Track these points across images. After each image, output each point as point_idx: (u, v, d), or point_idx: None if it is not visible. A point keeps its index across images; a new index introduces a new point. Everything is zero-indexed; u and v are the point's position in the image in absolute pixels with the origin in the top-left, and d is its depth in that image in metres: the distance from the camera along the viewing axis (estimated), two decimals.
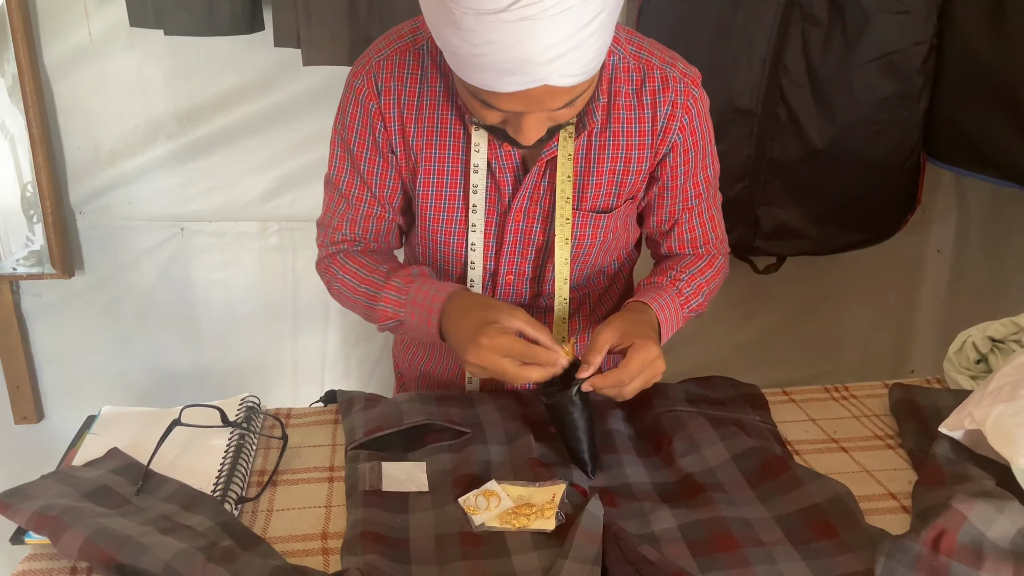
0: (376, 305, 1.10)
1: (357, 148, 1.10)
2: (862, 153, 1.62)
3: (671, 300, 1.11)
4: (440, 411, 1.09)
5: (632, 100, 1.06)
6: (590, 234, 1.11)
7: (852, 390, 1.22)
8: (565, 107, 0.91)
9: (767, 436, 1.06)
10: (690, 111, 1.07)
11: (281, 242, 1.94)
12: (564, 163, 1.06)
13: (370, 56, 1.07)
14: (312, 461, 1.05)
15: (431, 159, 1.07)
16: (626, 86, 1.06)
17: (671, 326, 1.11)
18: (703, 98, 1.10)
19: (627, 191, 1.11)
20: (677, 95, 1.06)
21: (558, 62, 0.82)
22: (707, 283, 1.17)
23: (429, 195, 1.10)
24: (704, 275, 1.17)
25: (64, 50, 1.72)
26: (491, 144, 1.05)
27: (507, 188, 1.09)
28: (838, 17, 1.54)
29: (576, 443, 0.99)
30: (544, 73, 0.83)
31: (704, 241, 1.19)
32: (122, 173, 1.82)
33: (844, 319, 2.14)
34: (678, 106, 1.06)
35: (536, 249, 1.13)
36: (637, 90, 1.06)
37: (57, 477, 0.94)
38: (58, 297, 1.91)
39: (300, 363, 2.07)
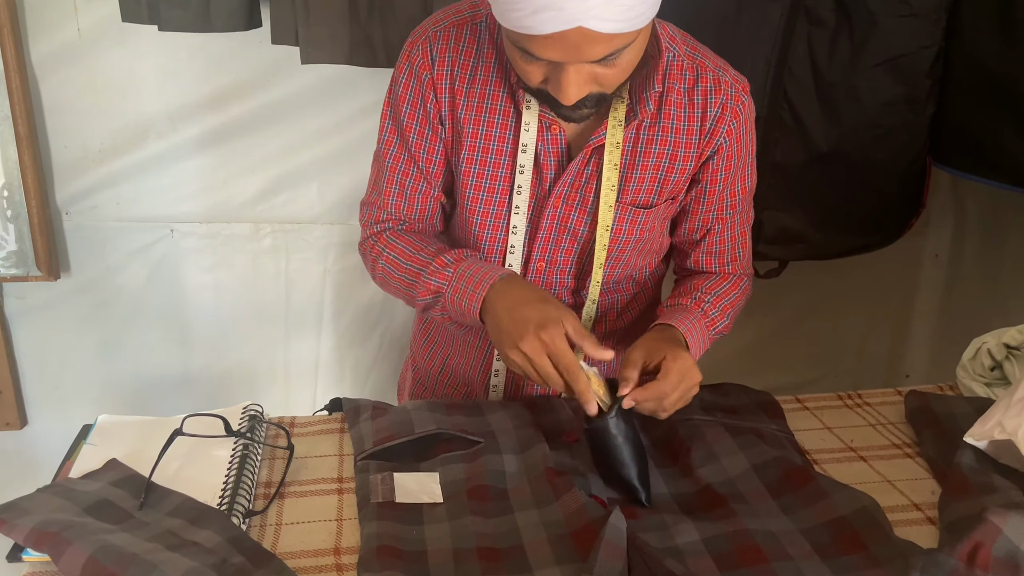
0: (420, 279, 1.07)
1: (407, 119, 1.08)
2: (867, 157, 1.61)
3: (697, 321, 1.09)
4: (450, 420, 1.07)
5: (683, 98, 1.05)
6: (627, 229, 1.09)
7: (866, 397, 1.21)
8: (604, 63, 0.88)
9: (785, 445, 1.04)
10: (738, 116, 1.07)
11: (274, 244, 1.90)
12: (612, 151, 1.04)
13: (427, 27, 1.06)
14: (320, 472, 1.01)
15: (477, 135, 1.06)
16: (678, 83, 1.04)
17: (698, 348, 1.09)
18: (751, 107, 1.09)
19: (669, 189, 1.09)
20: (728, 98, 1.05)
21: (596, 1, 0.80)
22: (731, 305, 1.16)
23: (471, 172, 1.08)
24: (728, 296, 1.16)
25: (52, 46, 1.67)
26: (539, 127, 1.04)
27: (549, 173, 1.06)
28: (844, 20, 1.53)
29: (624, 468, 0.94)
30: (580, 11, 0.81)
31: (732, 258, 1.18)
32: (110, 173, 1.77)
33: (841, 323, 2.14)
34: (727, 109, 1.05)
35: (571, 239, 1.11)
36: (689, 89, 1.05)
37: (55, 490, 0.90)
38: (43, 300, 1.86)
39: (292, 368, 2.03)
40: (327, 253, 1.91)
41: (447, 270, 1.05)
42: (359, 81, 1.69)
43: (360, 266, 1.89)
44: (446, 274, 1.05)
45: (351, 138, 1.78)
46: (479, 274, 1.02)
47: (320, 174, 1.83)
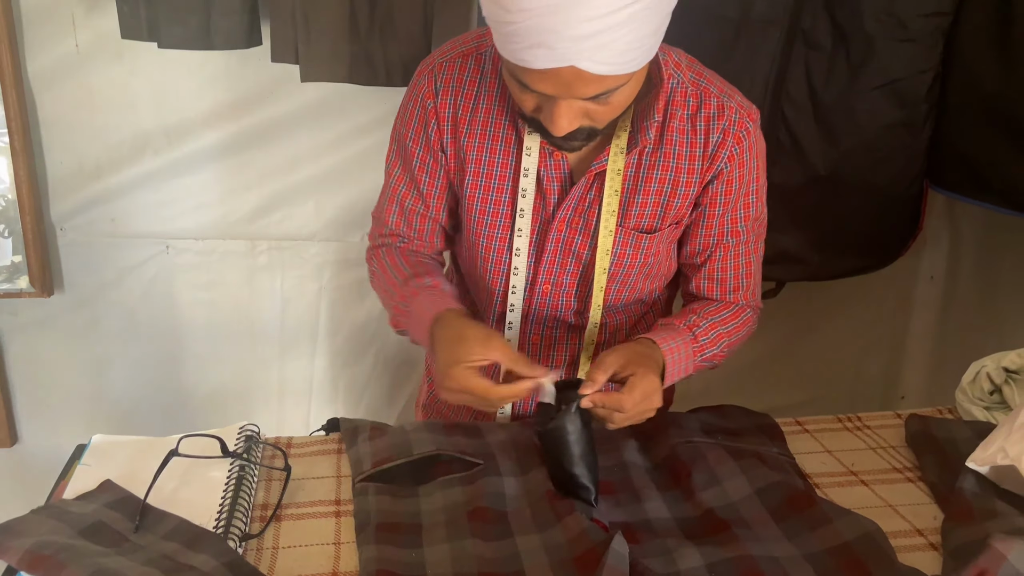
0: (389, 310, 1.14)
1: (411, 144, 1.12)
2: (865, 179, 1.62)
3: (683, 345, 1.08)
4: (450, 441, 1.06)
5: (686, 124, 1.05)
6: (631, 253, 1.10)
7: (865, 420, 1.20)
8: (596, 101, 0.90)
9: (787, 468, 1.04)
10: (741, 142, 1.06)
11: (270, 261, 1.89)
12: (613, 178, 1.05)
13: (434, 57, 1.10)
14: (317, 494, 1.00)
15: (481, 161, 1.09)
16: (682, 110, 1.05)
17: (678, 370, 1.07)
18: (757, 135, 1.09)
19: (672, 214, 1.09)
20: (731, 124, 1.05)
21: (588, 43, 0.82)
22: (728, 335, 1.14)
23: (476, 196, 1.10)
24: (726, 325, 1.14)
25: (49, 61, 1.66)
26: (542, 153, 1.06)
27: (552, 197, 1.08)
28: (841, 44, 1.54)
29: (575, 467, 0.95)
30: (573, 52, 0.83)
31: (734, 287, 1.15)
32: (106, 189, 1.76)
33: (837, 344, 2.14)
34: (730, 135, 1.05)
35: (576, 263, 1.12)
36: (692, 115, 1.05)
37: (48, 512, 0.89)
38: (35, 316, 1.84)
39: (286, 387, 2.02)
40: (323, 271, 1.90)
41: (405, 306, 1.09)
42: (357, 99, 1.69)
43: (356, 284, 1.91)
44: (405, 311, 1.09)
45: (348, 156, 1.78)
46: (422, 314, 1.05)
47: (317, 191, 1.82)
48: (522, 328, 1.17)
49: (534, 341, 1.19)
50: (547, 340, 1.19)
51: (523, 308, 1.15)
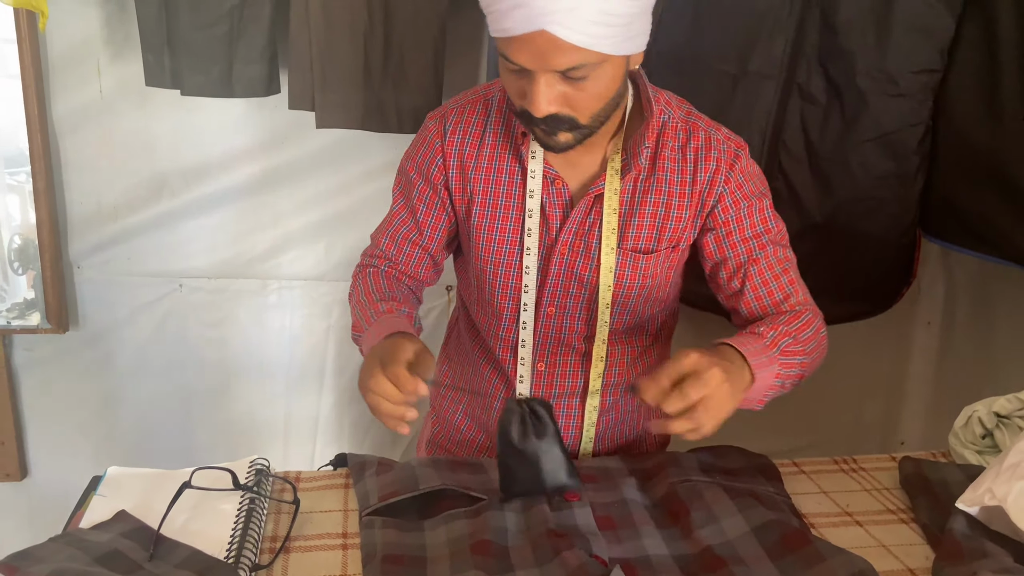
0: (353, 320, 1.20)
1: (414, 176, 1.21)
2: (859, 228, 1.66)
3: (749, 339, 1.07)
4: (455, 477, 1.08)
5: (677, 154, 1.14)
6: (629, 275, 1.16)
7: (861, 462, 1.23)
8: (571, 84, 0.97)
9: (783, 508, 1.06)
10: (734, 166, 1.14)
11: (280, 300, 1.93)
12: (611, 197, 1.13)
13: (446, 105, 1.21)
14: (325, 527, 1.03)
15: (487, 191, 1.16)
16: (673, 141, 1.15)
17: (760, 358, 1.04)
18: (748, 160, 1.17)
19: (668, 237, 1.15)
20: (721, 153, 1.14)
21: (559, 4, 0.89)
22: (792, 332, 1.10)
23: (483, 224, 1.17)
24: (792, 324, 1.11)
25: (74, 105, 1.73)
26: (544, 181, 1.13)
27: (555, 223, 1.15)
28: (836, 98, 1.60)
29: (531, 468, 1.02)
30: (546, 14, 0.90)
31: (784, 296, 1.16)
32: (123, 228, 1.82)
33: (835, 389, 2.16)
34: (722, 162, 1.14)
35: (579, 285, 1.17)
36: (683, 146, 1.15)
37: (66, 540, 0.92)
38: (50, 352, 1.88)
39: (292, 423, 2.04)
40: (331, 310, 1.95)
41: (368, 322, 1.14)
42: (369, 145, 1.76)
43: None
44: (366, 327, 1.14)
45: (358, 199, 1.84)
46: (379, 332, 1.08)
47: (327, 233, 1.87)
48: (531, 355, 1.21)
49: (539, 369, 1.22)
50: (552, 367, 1.22)
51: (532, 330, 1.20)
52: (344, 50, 1.57)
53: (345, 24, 1.55)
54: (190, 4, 1.52)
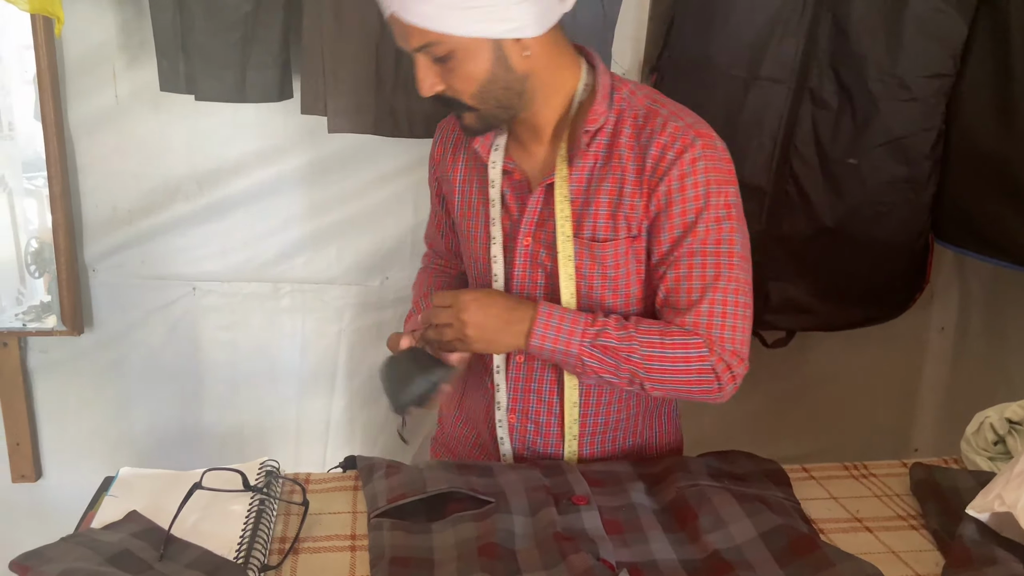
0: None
1: (429, 179, 1.37)
2: (871, 233, 1.66)
3: (575, 315, 1.09)
4: (463, 480, 1.09)
5: (633, 140, 1.11)
6: (588, 264, 1.14)
7: (871, 468, 1.22)
8: (441, 64, 1.04)
9: (792, 513, 1.06)
10: (684, 152, 1.07)
11: (292, 304, 1.94)
12: (560, 184, 1.14)
13: (445, 119, 1.32)
14: (333, 529, 1.03)
15: (463, 191, 1.25)
16: (630, 128, 1.11)
17: (559, 329, 1.08)
18: (707, 154, 1.08)
19: (623, 224, 1.12)
20: (673, 139, 1.07)
21: None
22: (641, 341, 1.07)
23: (462, 221, 1.26)
24: (651, 336, 1.07)
25: (90, 110, 1.75)
26: (505, 176, 1.19)
27: (516, 215, 1.18)
28: (847, 103, 1.60)
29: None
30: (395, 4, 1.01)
31: (687, 305, 1.08)
32: (138, 232, 1.83)
33: (848, 394, 2.15)
34: (671, 149, 1.07)
35: (544, 275, 1.18)
36: (639, 131, 1.10)
37: (77, 540, 0.93)
38: (65, 354, 1.90)
39: (304, 426, 2.05)
40: (343, 313, 1.95)
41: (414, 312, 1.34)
42: (380, 149, 1.77)
43: (374, 327, 1.96)
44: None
45: (370, 204, 1.85)
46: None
47: (339, 237, 1.88)
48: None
49: (517, 360, 1.22)
50: (530, 358, 1.21)
51: None
52: (356, 56, 1.58)
53: (357, 30, 1.56)
54: (205, 10, 1.54)
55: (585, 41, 1.56)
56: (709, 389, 1.11)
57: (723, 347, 1.09)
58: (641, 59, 1.79)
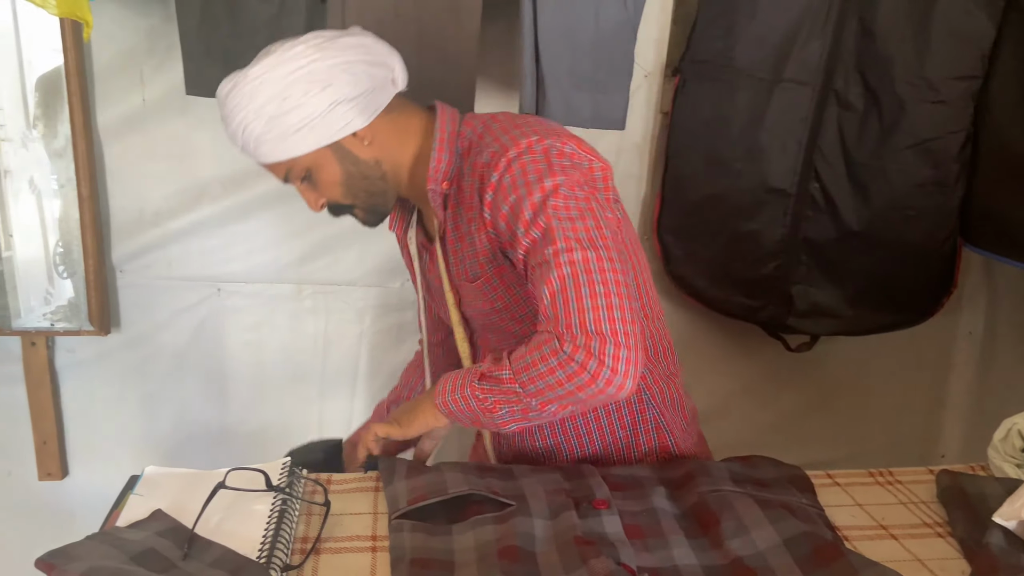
0: None
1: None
2: (898, 236, 1.64)
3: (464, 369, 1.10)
4: (483, 482, 1.09)
5: (470, 177, 1.12)
6: (472, 302, 1.21)
7: (897, 475, 1.21)
8: (305, 183, 1.17)
9: (816, 520, 1.04)
10: (492, 175, 1.06)
11: (315, 305, 1.96)
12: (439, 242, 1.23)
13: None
14: (354, 529, 1.04)
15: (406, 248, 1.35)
16: (468, 165, 1.13)
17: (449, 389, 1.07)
18: (510, 165, 1.06)
19: (482, 260, 1.14)
20: (487, 165, 1.08)
21: (238, 139, 1.14)
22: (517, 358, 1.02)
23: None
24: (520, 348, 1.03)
25: (117, 114, 1.77)
26: (418, 227, 1.29)
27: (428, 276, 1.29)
28: (873, 105, 1.58)
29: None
30: (244, 148, 1.15)
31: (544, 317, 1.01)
32: (164, 234, 1.85)
33: (873, 400, 2.13)
34: (486, 176, 1.08)
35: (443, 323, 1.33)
36: (471, 166, 1.12)
37: (102, 538, 0.94)
38: (91, 354, 1.92)
39: (325, 427, 2.06)
40: (364, 315, 1.96)
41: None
42: None
43: (395, 328, 1.97)
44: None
45: None
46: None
47: (361, 239, 1.89)
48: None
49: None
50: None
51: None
52: None
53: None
54: (230, 14, 1.55)
55: (608, 44, 1.57)
56: (582, 381, 0.97)
57: (572, 332, 0.97)
58: (664, 61, 1.78)
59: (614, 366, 0.96)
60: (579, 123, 1.61)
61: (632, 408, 1.22)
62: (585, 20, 1.54)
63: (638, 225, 1.92)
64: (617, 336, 0.96)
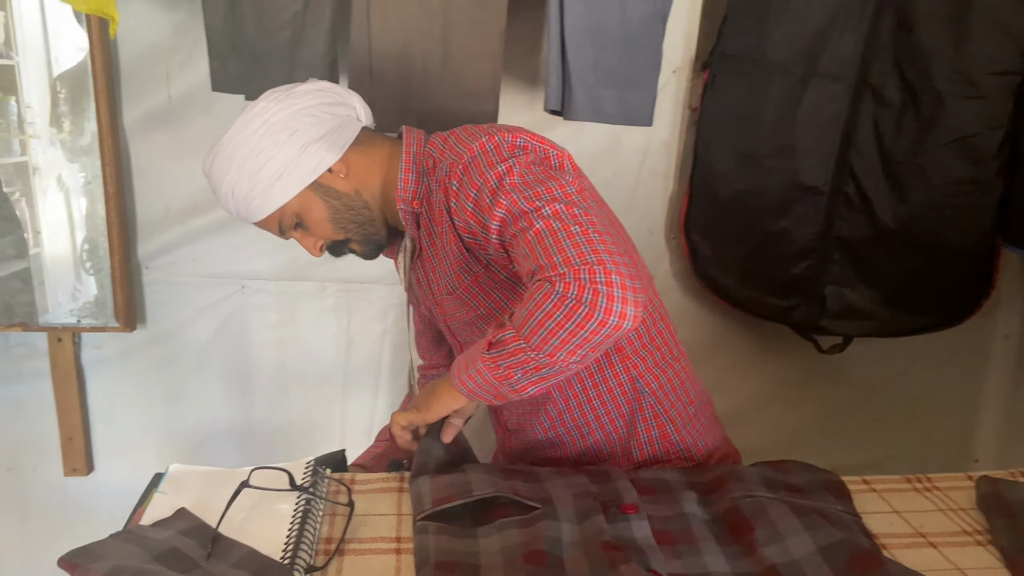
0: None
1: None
2: (935, 236, 1.60)
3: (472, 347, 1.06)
4: (508, 484, 1.07)
5: (436, 193, 1.16)
6: (452, 311, 1.25)
7: (935, 481, 1.17)
8: (297, 230, 1.23)
9: (852, 527, 1.01)
10: (451, 181, 1.10)
11: (338, 303, 1.95)
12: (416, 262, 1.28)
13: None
14: (378, 531, 1.02)
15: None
16: (432, 179, 1.17)
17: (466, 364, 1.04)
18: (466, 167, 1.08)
19: (456, 268, 1.18)
20: (447, 176, 1.12)
21: (228, 204, 1.20)
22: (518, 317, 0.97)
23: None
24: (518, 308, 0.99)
25: (143, 111, 1.77)
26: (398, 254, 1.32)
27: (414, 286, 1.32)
28: (911, 100, 1.54)
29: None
30: (236, 215, 1.21)
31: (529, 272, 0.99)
32: (189, 231, 1.85)
33: (906, 403, 2.08)
34: (446, 185, 1.12)
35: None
36: (439, 181, 1.15)
37: (126, 537, 0.93)
38: (117, 350, 1.93)
39: (348, 425, 2.06)
40: (387, 313, 1.95)
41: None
42: None
43: None
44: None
45: None
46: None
47: None
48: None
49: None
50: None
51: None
52: (402, 56, 1.57)
53: (404, 30, 1.55)
54: (255, 11, 1.54)
55: (636, 38, 1.54)
56: (581, 316, 0.93)
57: (559, 270, 0.94)
58: (693, 55, 1.75)
59: (609, 292, 0.92)
60: (605, 119, 1.58)
61: (628, 397, 1.22)
62: (612, 14, 1.51)
63: (665, 223, 1.89)
64: (605, 263, 0.93)
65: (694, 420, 1.27)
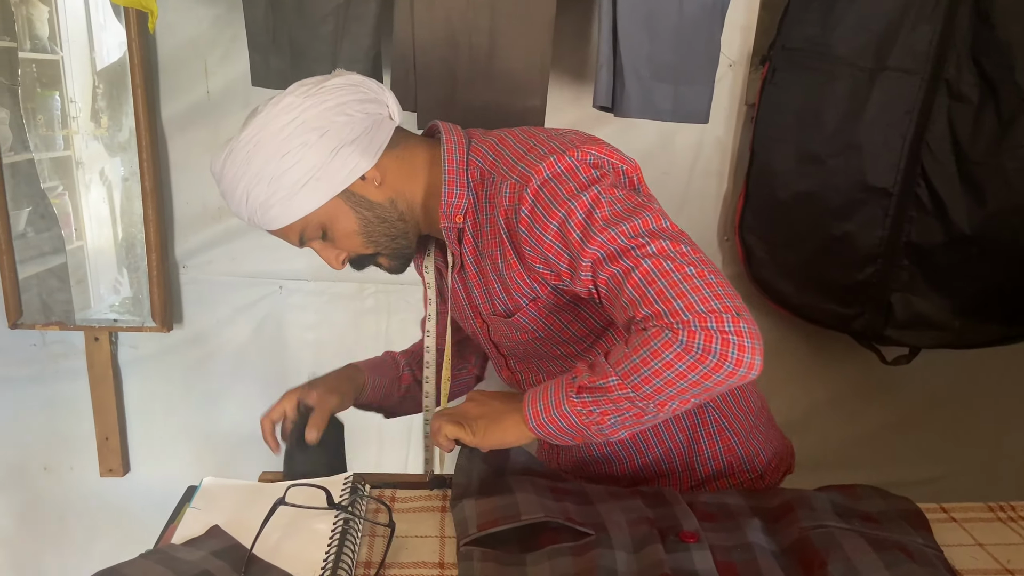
0: None
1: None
2: (1015, 242, 1.49)
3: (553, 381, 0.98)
4: (559, 507, 1.00)
5: (487, 208, 1.06)
6: (505, 333, 1.15)
7: (1020, 510, 1.08)
8: (321, 241, 1.09)
9: (935, 563, 0.93)
10: (522, 208, 0.99)
11: (376, 304, 1.90)
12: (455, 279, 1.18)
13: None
14: (420, 555, 0.97)
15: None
16: (482, 196, 1.07)
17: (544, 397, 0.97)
18: (539, 190, 0.99)
19: (516, 292, 1.07)
20: (511, 200, 1.01)
21: (245, 214, 1.06)
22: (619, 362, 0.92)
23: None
24: (619, 350, 0.93)
25: (182, 106, 1.74)
26: (437, 270, 1.22)
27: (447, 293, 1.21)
28: (990, 96, 1.44)
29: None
30: (254, 223, 1.07)
31: (629, 318, 0.93)
32: (227, 229, 1.82)
33: (973, 417, 1.97)
34: (513, 210, 1.01)
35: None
36: (490, 198, 1.05)
37: (157, 557, 0.89)
38: (154, 350, 1.91)
39: (385, 429, 2.01)
40: None
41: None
42: None
43: None
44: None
45: None
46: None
47: None
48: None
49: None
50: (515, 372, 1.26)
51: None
52: (447, 49, 1.51)
53: (449, 22, 1.49)
54: (297, 3, 1.49)
55: (693, 30, 1.46)
56: (708, 366, 0.88)
57: (682, 318, 0.88)
58: (751, 49, 1.67)
59: (740, 342, 0.87)
60: (659, 116, 1.51)
61: (690, 411, 1.13)
62: (669, 4, 1.43)
63: (718, 224, 1.81)
64: (731, 310, 0.88)
65: (755, 428, 1.21)
